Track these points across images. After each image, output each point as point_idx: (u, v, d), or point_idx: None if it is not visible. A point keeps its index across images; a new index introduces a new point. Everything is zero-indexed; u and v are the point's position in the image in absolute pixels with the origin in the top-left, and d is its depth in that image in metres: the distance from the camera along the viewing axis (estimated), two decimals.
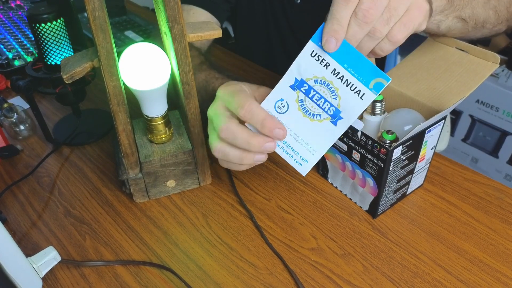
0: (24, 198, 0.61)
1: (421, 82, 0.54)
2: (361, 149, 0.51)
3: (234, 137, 0.45)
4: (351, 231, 0.53)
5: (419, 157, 0.53)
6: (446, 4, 0.48)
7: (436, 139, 0.53)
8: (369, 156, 0.50)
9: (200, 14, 0.78)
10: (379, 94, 0.55)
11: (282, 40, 0.91)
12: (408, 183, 0.55)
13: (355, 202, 0.57)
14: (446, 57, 0.54)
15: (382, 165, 0.49)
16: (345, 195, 0.58)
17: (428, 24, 0.46)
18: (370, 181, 0.52)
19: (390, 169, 0.49)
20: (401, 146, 0.48)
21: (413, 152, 0.51)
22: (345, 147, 0.53)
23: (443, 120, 0.52)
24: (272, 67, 0.89)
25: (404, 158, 0.50)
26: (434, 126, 0.51)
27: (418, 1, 0.42)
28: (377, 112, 0.56)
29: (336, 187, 0.59)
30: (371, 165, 0.50)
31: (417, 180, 0.57)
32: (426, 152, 0.53)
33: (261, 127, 0.44)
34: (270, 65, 0.90)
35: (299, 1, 0.83)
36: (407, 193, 0.57)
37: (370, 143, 0.49)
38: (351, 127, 0.50)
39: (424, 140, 0.51)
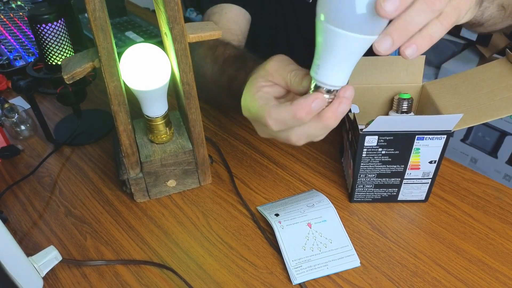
0: (25, 198, 0.61)
1: (457, 96, 0.53)
2: (351, 131, 0.54)
3: (284, 124, 0.40)
4: (350, 230, 0.54)
5: (409, 163, 0.52)
6: None
7: (437, 154, 0.51)
8: (354, 138, 0.53)
9: (232, 11, 0.76)
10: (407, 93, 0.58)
11: (288, 42, 0.91)
12: (396, 186, 0.55)
13: (347, 184, 0.60)
14: (504, 79, 0.52)
15: (356, 148, 0.51)
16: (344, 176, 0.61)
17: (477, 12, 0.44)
18: (352, 163, 0.54)
19: (364, 156, 0.51)
20: (377, 137, 0.49)
21: (397, 152, 0.51)
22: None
23: (443, 136, 0.49)
24: None
25: (384, 152, 0.51)
26: (430, 137, 0.49)
27: None
28: (403, 109, 0.57)
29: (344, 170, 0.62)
30: (353, 147, 0.53)
31: (412, 190, 0.56)
32: (420, 162, 0.52)
33: (295, 122, 0.39)
34: None
35: (310, 0, 0.83)
36: (399, 198, 0.57)
37: (354, 125, 0.52)
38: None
39: (414, 146, 0.50)
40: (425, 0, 0.31)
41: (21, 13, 1.10)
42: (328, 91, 0.38)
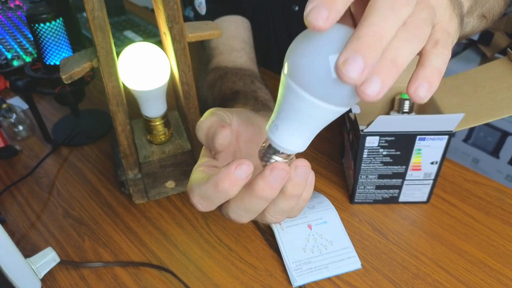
0: (23, 199, 0.61)
1: (458, 97, 0.53)
2: (352, 131, 0.53)
3: (208, 200, 0.32)
4: (351, 232, 0.53)
5: (411, 164, 0.52)
6: (472, 2, 0.43)
7: (438, 155, 0.51)
8: (355, 139, 0.52)
9: (230, 26, 0.71)
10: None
11: (278, 51, 0.91)
12: (398, 187, 0.55)
13: (348, 185, 0.59)
14: (505, 79, 0.52)
15: (357, 149, 0.51)
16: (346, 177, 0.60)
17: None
18: (353, 164, 0.54)
19: (365, 157, 0.51)
20: (378, 137, 0.49)
21: (399, 153, 0.51)
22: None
23: (445, 137, 0.49)
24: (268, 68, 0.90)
25: (385, 153, 0.51)
26: (431, 137, 0.49)
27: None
28: (404, 110, 0.57)
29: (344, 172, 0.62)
30: (354, 148, 0.53)
31: (413, 192, 0.55)
32: (421, 162, 0.52)
33: (222, 195, 0.31)
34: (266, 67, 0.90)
35: (296, 8, 0.83)
36: (400, 199, 0.56)
37: (355, 125, 0.51)
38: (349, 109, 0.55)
39: (416, 147, 0.50)
40: (407, 28, 0.25)
41: (19, 13, 1.10)
42: (282, 155, 0.31)
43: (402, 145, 0.50)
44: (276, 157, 0.31)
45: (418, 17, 0.25)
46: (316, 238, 0.51)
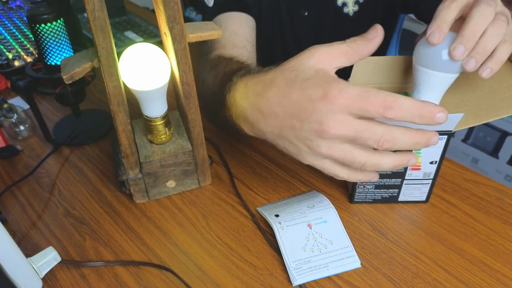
0: (24, 199, 0.61)
1: (457, 96, 0.53)
2: None
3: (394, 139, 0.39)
4: (351, 231, 0.53)
5: None
6: None
7: (438, 155, 0.51)
8: None
9: (234, 23, 0.72)
10: (406, 92, 0.57)
11: (284, 51, 0.91)
12: (397, 187, 0.55)
13: (348, 184, 0.59)
14: (505, 79, 0.52)
15: None
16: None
17: None
18: None
19: None
20: None
21: None
22: None
23: (444, 137, 0.49)
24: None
25: None
26: None
27: None
28: None
29: None
30: None
31: (413, 191, 0.55)
32: (421, 162, 0.52)
33: (420, 120, 0.37)
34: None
35: (306, 13, 0.83)
36: (400, 199, 0.56)
37: None
38: None
39: None
40: (494, 27, 0.41)
41: (20, 13, 1.10)
42: None
43: None
44: None
45: (500, 20, 0.41)
46: (316, 237, 0.51)
